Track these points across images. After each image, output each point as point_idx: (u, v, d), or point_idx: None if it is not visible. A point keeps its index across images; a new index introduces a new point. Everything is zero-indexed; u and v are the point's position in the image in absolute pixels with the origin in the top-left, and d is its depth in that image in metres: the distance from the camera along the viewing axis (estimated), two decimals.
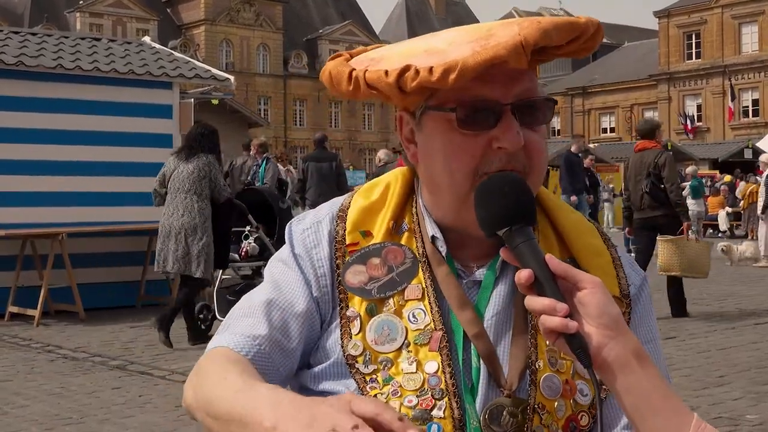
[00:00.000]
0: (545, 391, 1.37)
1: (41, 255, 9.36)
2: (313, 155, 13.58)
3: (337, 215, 1.50)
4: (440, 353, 1.37)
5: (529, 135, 1.38)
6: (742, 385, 6.14)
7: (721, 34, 56.73)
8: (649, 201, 9.23)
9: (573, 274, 1.23)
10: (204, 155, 8.00)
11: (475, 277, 1.45)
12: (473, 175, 1.37)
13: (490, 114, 1.37)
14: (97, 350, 7.67)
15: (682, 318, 9.11)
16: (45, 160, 9.79)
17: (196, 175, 7.89)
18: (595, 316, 1.21)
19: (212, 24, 61.66)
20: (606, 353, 1.20)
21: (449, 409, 1.35)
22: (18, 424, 5.37)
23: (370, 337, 1.40)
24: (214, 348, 1.40)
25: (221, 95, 20.78)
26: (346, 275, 1.45)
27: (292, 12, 66.59)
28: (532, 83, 1.40)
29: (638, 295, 1.49)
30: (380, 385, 1.37)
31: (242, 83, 56.44)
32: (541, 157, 1.40)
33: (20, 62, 9.60)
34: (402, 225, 1.48)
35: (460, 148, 1.37)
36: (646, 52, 64.16)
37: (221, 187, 8.12)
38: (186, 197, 7.90)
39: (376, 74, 1.36)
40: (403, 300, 1.42)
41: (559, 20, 1.33)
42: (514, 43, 1.29)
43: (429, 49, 1.36)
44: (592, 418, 1.40)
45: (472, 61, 1.29)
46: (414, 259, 1.44)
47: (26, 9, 58.71)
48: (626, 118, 62.76)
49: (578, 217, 1.51)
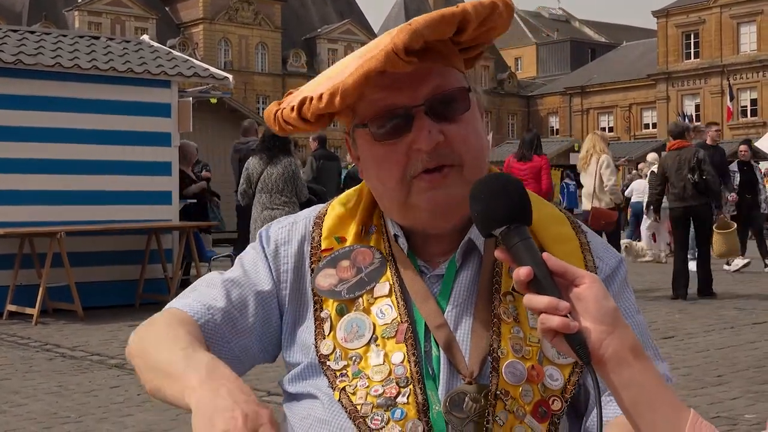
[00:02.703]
0: (508, 378, 1.40)
1: (39, 253, 9.36)
2: (324, 154, 13.54)
3: (313, 221, 1.58)
4: (405, 343, 1.42)
5: (449, 129, 1.42)
6: (740, 384, 6.15)
7: (720, 33, 56.77)
8: (693, 192, 10.37)
9: (571, 271, 1.24)
10: (285, 158, 9.46)
11: (437, 272, 1.50)
12: (403, 181, 1.43)
13: (403, 120, 1.42)
14: (95, 349, 7.67)
15: (684, 317, 9.14)
16: (43, 158, 9.78)
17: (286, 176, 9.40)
18: (592, 311, 1.21)
19: (211, 23, 61.60)
20: (603, 349, 1.21)
21: (413, 395, 1.39)
22: (16, 422, 5.37)
23: (340, 335, 1.46)
24: (172, 308, 1.49)
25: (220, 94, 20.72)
26: (317, 279, 1.51)
27: (291, 11, 66.53)
28: (442, 78, 1.44)
29: (613, 276, 1.55)
30: (349, 378, 1.43)
31: (241, 82, 56.39)
32: (469, 146, 1.44)
33: (18, 60, 9.59)
34: (370, 228, 1.55)
35: (385, 159, 1.44)
36: (644, 52, 64.22)
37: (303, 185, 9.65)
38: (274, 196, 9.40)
39: (287, 111, 1.46)
40: (372, 298, 1.48)
41: (429, 17, 1.35)
42: (385, 52, 1.34)
43: (330, 75, 1.44)
44: (566, 402, 1.42)
45: (350, 81, 1.36)
46: (382, 259, 1.51)
47: (24, 7, 58.62)
48: (624, 118, 62.81)
49: (549, 209, 1.56)
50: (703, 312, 9.64)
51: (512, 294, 1.45)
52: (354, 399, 1.40)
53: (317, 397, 1.45)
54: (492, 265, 1.48)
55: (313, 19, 68.81)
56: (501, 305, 1.44)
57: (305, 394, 1.47)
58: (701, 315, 9.42)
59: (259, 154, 9.64)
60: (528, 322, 1.44)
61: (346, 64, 1.42)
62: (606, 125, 64.81)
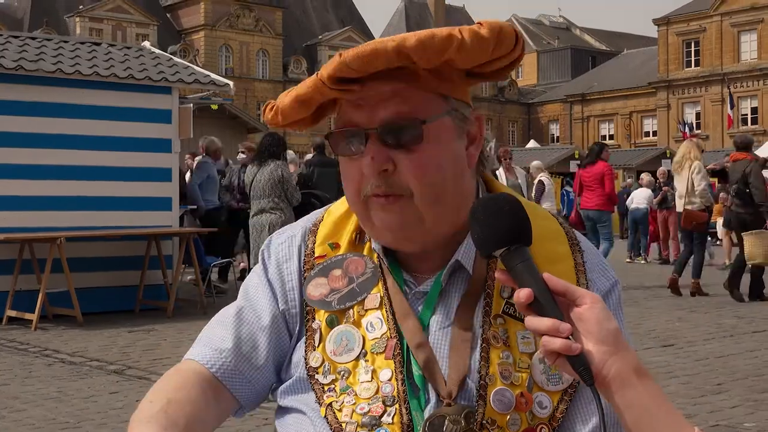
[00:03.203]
0: (496, 405, 1.36)
1: (39, 259, 9.36)
2: (318, 160, 13.56)
3: (309, 229, 1.56)
4: (394, 360, 1.40)
5: (401, 158, 1.37)
6: (740, 393, 6.14)
7: (720, 42, 56.81)
8: (738, 201, 11.55)
9: (572, 291, 1.23)
10: (273, 162, 9.74)
11: (421, 289, 1.46)
12: (359, 197, 1.41)
13: (357, 139, 1.39)
14: (94, 355, 7.66)
15: (684, 325, 9.13)
16: (44, 164, 9.78)
17: (272, 180, 9.66)
18: (594, 332, 1.21)
19: (212, 29, 61.69)
20: (606, 370, 1.21)
21: (398, 415, 1.36)
22: (15, 428, 5.36)
23: (330, 348, 1.44)
24: (186, 360, 1.49)
25: (220, 100, 20.79)
26: (308, 288, 1.49)
27: (292, 18, 66.64)
28: (405, 104, 1.38)
29: (605, 299, 1.45)
30: (337, 394, 1.41)
31: (241, 88, 56.44)
32: (422, 177, 1.38)
33: (20, 66, 9.60)
34: (365, 236, 1.51)
35: (345, 174, 1.43)
36: (645, 60, 64.26)
37: (293, 188, 9.94)
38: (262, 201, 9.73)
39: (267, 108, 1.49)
40: (363, 310, 1.45)
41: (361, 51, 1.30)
42: (313, 81, 1.35)
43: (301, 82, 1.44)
44: (553, 430, 1.39)
45: (286, 100, 1.41)
46: (375, 269, 1.48)
47: (26, 13, 58.72)
48: (625, 126, 62.80)
49: (546, 223, 1.51)
50: (703, 320, 9.64)
51: (503, 317, 1.42)
52: (339, 416, 1.38)
53: (305, 413, 1.44)
54: (482, 286, 1.44)
55: (314, 26, 68.92)
56: (491, 329, 1.40)
57: (294, 409, 1.46)
58: (701, 323, 9.41)
59: (252, 162, 10.02)
60: (518, 346, 1.40)
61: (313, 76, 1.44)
62: (606, 133, 64.84)
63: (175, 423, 1.34)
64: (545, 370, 1.39)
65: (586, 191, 12.86)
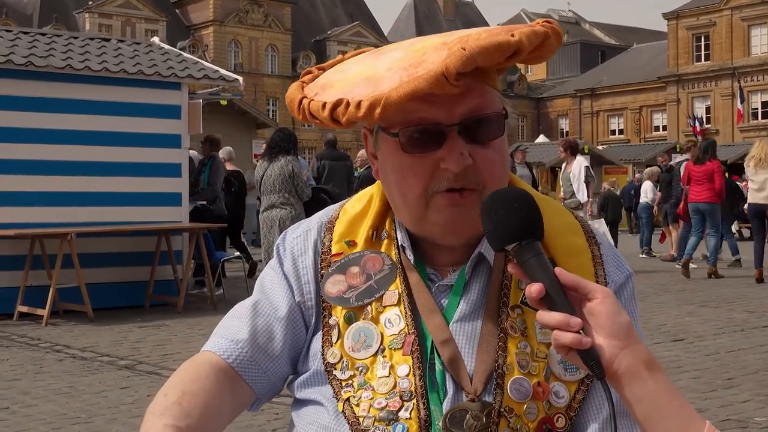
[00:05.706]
0: (513, 395, 1.37)
1: (50, 254, 9.38)
2: (327, 154, 13.60)
3: (325, 225, 1.56)
4: (412, 356, 1.40)
5: (479, 152, 1.39)
6: (750, 387, 6.13)
7: (731, 36, 56.58)
8: None
9: (583, 286, 1.23)
10: (283, 157, 9.83)
11: (446, 282, 1.47)
12: (424, 195, 1.40)
13: (434, 136, 1.38)
14: (105, 350, 7.68)
15: (694, 320, 9.11)
16: (54, 160, 9.80)
17: (282, 176, 9.72)
18: (605, 326, 1.21)
19: (221, 25, 61.74)
20: (617, 364, 1.21)
21: (416, 410, 1.37)
22: (26, 423, 5.38)
23: (348, 344, 1.45)
24: (202, 352, 1.50)
25: (230, 96, 20.81)
26: (326, 285, 1.49)
27: (301, 13, 66.64)
28: (481, 98, 1.39)
29: (619, 292, 1.49)
30: (354, 389, 1.41)
31: (251, 84, 56.50)
32: (494, 173, 1.41)
33: (30, 62, 9.62)
34: (382, 233, 1.52)
35: (409, 171, 1.40)
36: (654, 54, 64.06)
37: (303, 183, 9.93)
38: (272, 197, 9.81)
39: (316, 106, 1.39)
40: (381, 306, 1.45)
41: (486, 43, 1.30)
42: (435, 74, 1.29)
43: (370, 76, 1.37)
44: (570, 420, 1.40)
45: (395, 96, 1.31)
46: (392, 265, 1.48)
47: (35, 9, 58.86)
48: (635, 120, 62.66)
49: (563, 217, 1.52)
50: (713, 315, 9.61)
51: (521, 307, 1.43)
52: (357, 411, 1.39)
53: (323, 404, 1.45)
54: (501, 278, 1.46)
55: (323, 21, 68.91)
56: (509, 319, 1.42)
57: (312, 400, 1.47)
58: (711, 318, 9.38)
59: (263, 157, 10.03)
60: (536, 336, 1.41)
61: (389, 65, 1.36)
62: (616, 127, 64.71)
63: (189, 414, 1.34)
64: (562, 360, 1.39)
65: (695, 185, 13.32)
